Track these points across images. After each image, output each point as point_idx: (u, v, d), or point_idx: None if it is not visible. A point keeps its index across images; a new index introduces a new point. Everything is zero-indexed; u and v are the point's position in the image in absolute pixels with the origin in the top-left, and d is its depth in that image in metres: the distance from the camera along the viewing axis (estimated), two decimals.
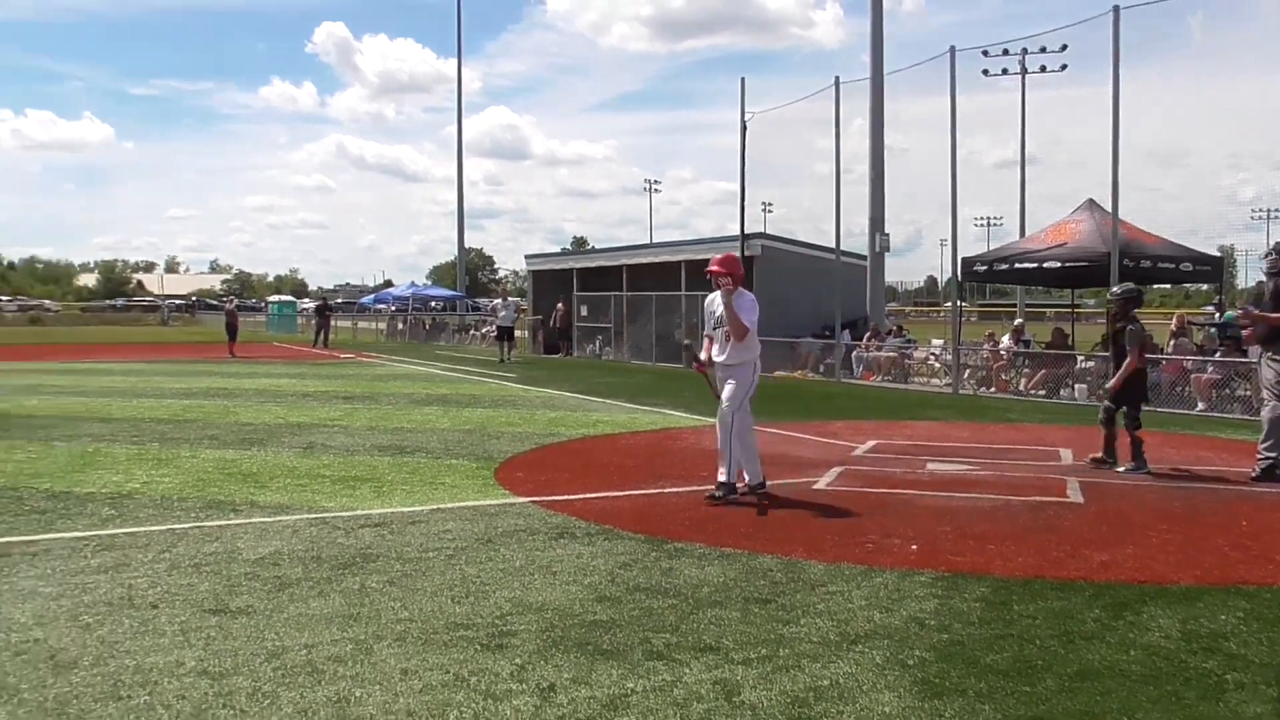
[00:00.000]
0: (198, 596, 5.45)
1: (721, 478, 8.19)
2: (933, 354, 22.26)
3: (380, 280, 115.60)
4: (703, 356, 8.65)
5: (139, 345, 37.76)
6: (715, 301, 8.41)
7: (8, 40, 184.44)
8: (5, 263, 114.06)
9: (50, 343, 39.53)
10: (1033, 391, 18.35)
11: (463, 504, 8.05)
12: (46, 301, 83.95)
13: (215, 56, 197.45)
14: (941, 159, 19.60)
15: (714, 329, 8.45)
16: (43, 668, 4.37)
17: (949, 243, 20.61)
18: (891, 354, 21.80)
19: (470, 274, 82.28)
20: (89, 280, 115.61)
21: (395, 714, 3.90)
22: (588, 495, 8.45)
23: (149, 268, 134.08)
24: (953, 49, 19.15)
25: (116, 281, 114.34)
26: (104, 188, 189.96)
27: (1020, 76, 35.44)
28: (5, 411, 14.47)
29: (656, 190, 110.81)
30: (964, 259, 20.35)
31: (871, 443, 11.73)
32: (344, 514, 7.63)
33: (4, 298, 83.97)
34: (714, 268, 8.29)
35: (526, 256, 39.47)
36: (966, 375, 19.85)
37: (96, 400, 16.32)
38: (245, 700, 4.02)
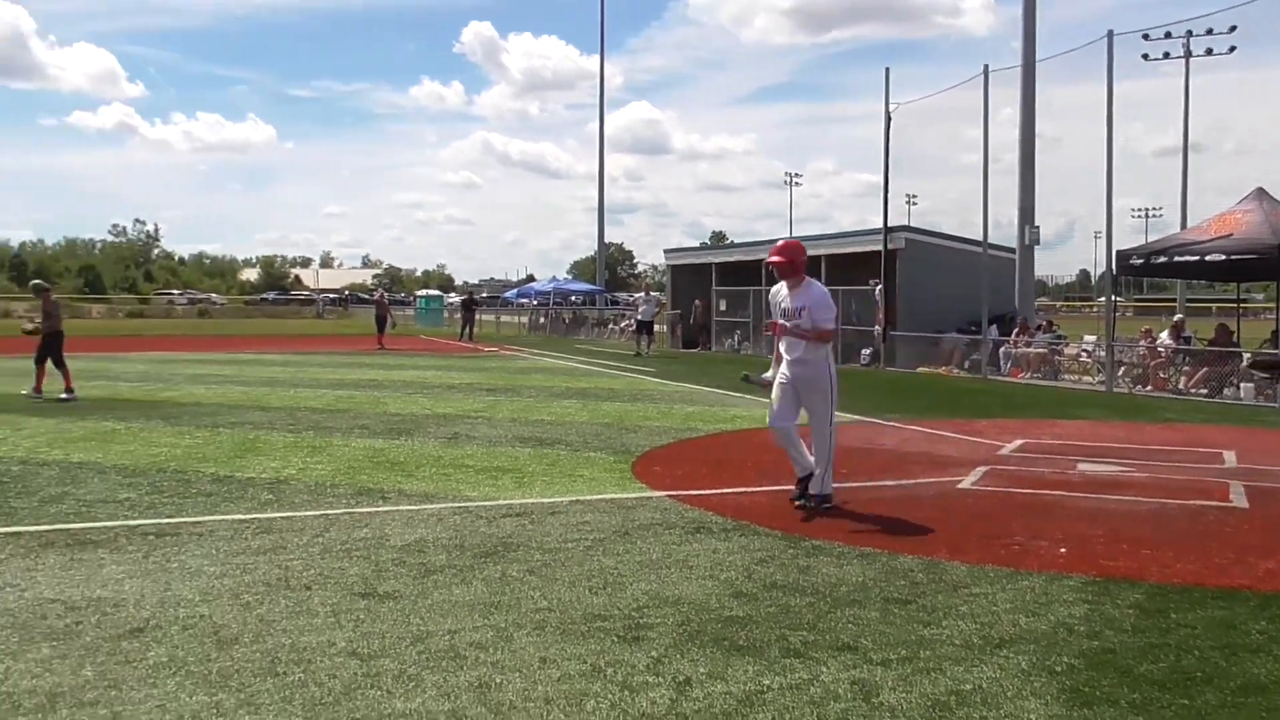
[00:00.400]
0: (348, 580, 5.67)
1: (815, 489, 7.66)
2: (1085, 350, 21.43)
3: (523, 275, 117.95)
4: (768, 375, 8.09)
5: (296, 337, 39.44)
6: (781, 293, 7.70)
7: (182, 48, 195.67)
8: (176, 258, 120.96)
9: (216, 334, 41.66)
10: (1193, 390, 17.47)
11: (601, 496, 8.15)
12: (213, 295, 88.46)
13: (368, 58, 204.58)
14: (1096, 147, 18.90)
15: (783, 321, 7.70)
16: (207, 642, 4.62)
17: (1103, 235, 19.77)
18: (1041, 350, 21.08)
19: (610, 268, 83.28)
20: (251, 275, 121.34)
21: (534, 701, 3.98)
22: (724, 490, 8.44)
23: (305, 263, 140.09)
24: (1110, 33, 18.44)
25: (276, 276, 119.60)
26: (266, 186, 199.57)
27: (1184, 60, 33.77)
28: (176, 399, 15.35)
29: (797, 184, 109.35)
30: (1119, 252, 19.48)
31: (1019, 441, 11.37)
32: (486, 503, 7.82)
33: (175, 291, 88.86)
34: (774, 258, 7.56)
35: (665, 251, 39.48)
36: (1121, 373, 19.03)
37: (257, 389, 17.12)
38: (391, 681, 4.17)
